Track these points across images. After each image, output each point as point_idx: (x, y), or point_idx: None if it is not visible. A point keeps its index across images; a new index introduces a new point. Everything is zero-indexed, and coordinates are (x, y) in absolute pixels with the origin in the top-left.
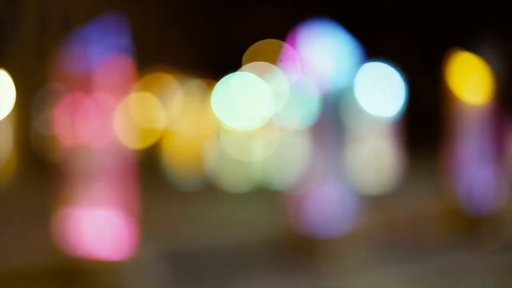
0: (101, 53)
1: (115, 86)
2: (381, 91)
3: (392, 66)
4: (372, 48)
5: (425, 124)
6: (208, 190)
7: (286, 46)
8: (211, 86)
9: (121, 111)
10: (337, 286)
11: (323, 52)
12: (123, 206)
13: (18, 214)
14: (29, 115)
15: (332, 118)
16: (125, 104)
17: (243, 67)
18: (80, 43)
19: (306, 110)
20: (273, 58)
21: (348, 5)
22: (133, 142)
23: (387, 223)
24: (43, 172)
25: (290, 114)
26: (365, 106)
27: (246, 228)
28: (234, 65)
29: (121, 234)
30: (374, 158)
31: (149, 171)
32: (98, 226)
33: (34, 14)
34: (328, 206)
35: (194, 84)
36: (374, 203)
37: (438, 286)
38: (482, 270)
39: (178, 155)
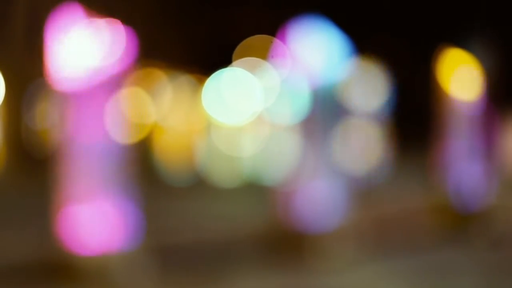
0: (93, 49)
1: (107, 80)
2: (370, 86)
3: (381, 62)
4: (362, 43)
5: (415, 119)
6: (198, 185)
7: (277, 42)
8: (201, 81)
9: (112, 106)
10: (326, 282)
11: (314, 47)
12: (113, 201)
13: (9, 209)
14: (20, 110)
15: (322, 113)
16: (116, 99)
17: (234, 63)
18: (75, 38)
19: (297, 106)
20: (264, 54)
21: (338, 1)
22: (124, 137)
23: (376, 219)
24: (34, 167)
25: (281, 109)
26: (355, 102)
27: (235, 223)
28: (224, 61)
29: (112, 229)
30: (364, 153)
31: (139, 166)
32: (88, 221)
33: (24, 9)
34: (318, 201)
35: (185, 80)
36: (363, 199)
37: (426, 283)
38: (471, 267)
39: (168, 150)
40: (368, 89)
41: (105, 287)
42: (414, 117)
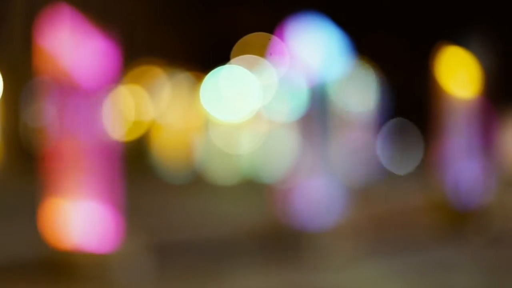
0: (90, 46)
1: (103, 78)
2: (368, 84)
3: (379, 60)
4: (360, 41)
5: (413, 117)
6: (196, 183)
7: (275, 40)
8: (199, 79)
9: (109, 103)
10: (324, 279)
11: (312, 45)
12: (110, 198)
13: (6, 207)
14: (17, 108)
15: (320, 111)
16: (113, 97)
17: (232, 60)
18: (71, 36)
19: (294, 103)
20: (262, 52)
21: None
22: (121, 134)
23: (374, 217)
24: (31, 164)
25: (278, 107)
26: (353, 100)
27: (233, 221)
28: (223, 58)
29: (108, 226)
30: (362, 151)
31: (136, 164)
32: (85, 219)
33: (22, 7)
34: (315, 199)
35: (183, 77)
36: (361, 196)
37: (425, 280)
38: (470, 265)
39: (166, 147)
40: (366, 87)
41: (104, 285)
42: (413, 115)
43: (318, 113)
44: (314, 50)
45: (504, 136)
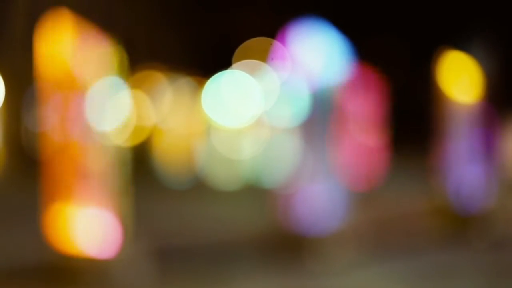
0: (92, 50)
1: (106, 83)
2: (368, 89)
3: (380, 64)
4: (362, 46)
5: (414, 121)
6: (198, 188)
7: (277, 44)
8: (201, 84)
9: (111, 109)
10: (326, 284)
11: (313, 50)
12: (112, 203)
13: (7, 211)
14: (19, 112)
15: (322, 116)
16: (115, 102)
17: (234, 65)
18: (73, 40)
19: (296, 108)
20: (264, 56)
21: (338, 3)
22: (123, 139)
23: (376, 221)
24: (33, 169)
25: (280, 112)
26: (353, 105)
27: (235, 226)
28: (224, 63)
29: (110, 231)
30: (363, 156)
31: (138, 168)
32: (87, 224)
33: (24, 11)
34: (317, 204)
35: (184, 82)
36: (363, 201)
37: (426, 285)
38: (471, 269)
39: (168, 152)
40: (366, 91)
41: None
42: (414, 119)
43: (320, 118)
44: (316, 55)
45: (505, 141)
